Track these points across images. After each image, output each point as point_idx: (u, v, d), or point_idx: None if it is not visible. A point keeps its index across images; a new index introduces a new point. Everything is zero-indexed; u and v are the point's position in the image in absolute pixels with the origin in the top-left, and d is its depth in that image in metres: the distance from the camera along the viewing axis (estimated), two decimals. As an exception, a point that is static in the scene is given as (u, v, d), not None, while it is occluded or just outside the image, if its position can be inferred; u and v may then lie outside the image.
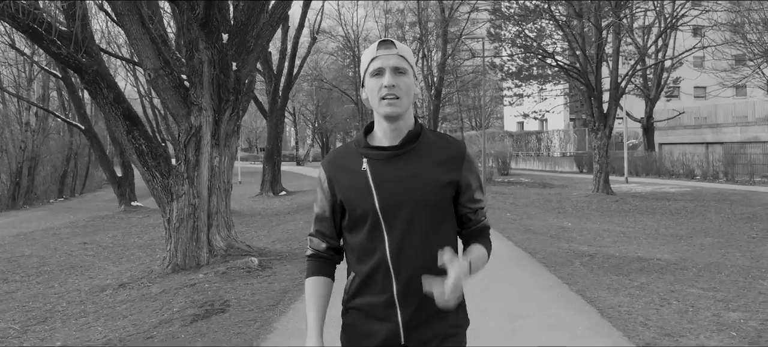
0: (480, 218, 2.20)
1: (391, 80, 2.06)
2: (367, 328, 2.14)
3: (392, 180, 2.09)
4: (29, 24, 8.29)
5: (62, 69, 20.77)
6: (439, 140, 2.18)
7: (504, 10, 26.96)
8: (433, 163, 2.12)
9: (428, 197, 2.07)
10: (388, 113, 2.07)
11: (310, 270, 2.23)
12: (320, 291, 2.20)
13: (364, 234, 2.11)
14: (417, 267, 2.06)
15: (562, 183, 26.77)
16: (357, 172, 2.12)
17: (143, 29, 8.65)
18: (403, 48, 2.16)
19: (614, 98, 20.33)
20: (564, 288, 6.68)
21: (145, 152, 8.89)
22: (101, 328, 6.35)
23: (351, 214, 2.14)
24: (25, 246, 14.04)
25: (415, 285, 2.06)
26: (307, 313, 2.16)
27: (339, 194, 2.15)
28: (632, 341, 4.76)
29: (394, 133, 2.11)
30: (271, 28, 9.58)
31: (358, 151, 2.15)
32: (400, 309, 2.09)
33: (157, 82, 8.78)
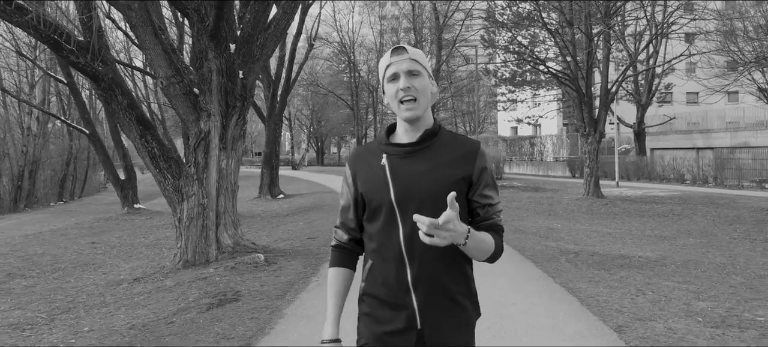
0: (490, 214, 2.27)
1: (406, 83, 2.21)
2: (383, 314, 2.24)
3: (408, 174, 2.22)
4: (50, 35, 8.83)
5: (67, 75, 21.32)
6: (455, 139, 2.31)
7: (498, 16, 27.58)
8: (448, 160, 2.25)
9: (441, 191, 2.14)
10: (407, 117, 2.23)
11: (333, 260, 2.38)
12: (341, 281, 2.34)
13: (380, 224, 2.24)
14: (429, 256, 2.18)
15: (554, 187, 27.36)
16: (377, 166, 2.27)
17: (156, 39, 9.20)
18: (415, 52, 2.30)
19: (604, 103, 20.96)
20: (549, 281, 7.26)
21: (158, 155, 9.43)
22: (123, 316, 6.89)
23: (369, 205, 2.28)
24: (36, 246, 14.53)
25: (428, 272, 2.19)
26: (327, 302, 2.30)
27: (360, 186, 2.31)
28: (607, 324, 5.34)
29: (414, 131, 2.27)
30: (275, 38, 10.15)
31: (380, 148, 2.31)
32: (414, 294, 2.19)
33: (169, 90, 9.33)
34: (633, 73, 31.73)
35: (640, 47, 29.14)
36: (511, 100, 39.17)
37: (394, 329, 2.21)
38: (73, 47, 9.05)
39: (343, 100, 53.45)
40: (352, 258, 2.38)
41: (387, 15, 50.78)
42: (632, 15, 26.76)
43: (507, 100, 39.58)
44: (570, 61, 20.74)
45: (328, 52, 51.57)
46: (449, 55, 38.25)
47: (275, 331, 5.44)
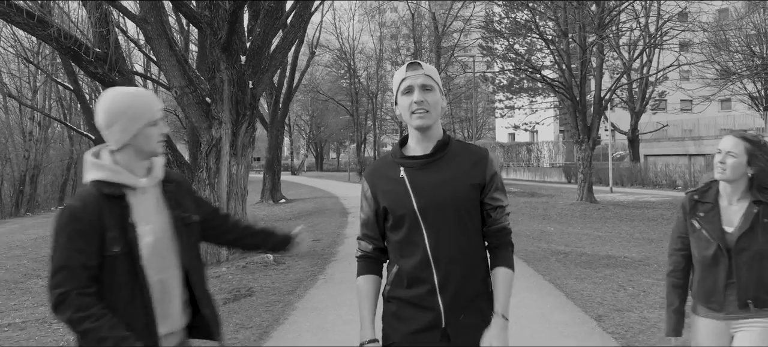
0: (499, 217, 2.44)
1: (420, 97, 2.35)
2: (410, 315, 2.37)
3: (427, 184, 2.37)
4: (71, 47, 9.41)
5: (73, 82, 21.85)
6: (464, 149, 2.47)
7: (495, 25, 28.23)
8: (462, 168, 2.41)
9: (459, 197, 2.34)
10: (418, 125, 2.37)
11: (361, 269, 2.51)
12: (371, 287, 2.47)
13: (405, 233, 2.38)
14: (453, 259, 2.34)
15: (549, 193, 27.94)
16: (396, 179, 2.42)
17: (170, 51, 9.78)
18: (429, 68, 2.45)
19: (598, 111, 21.57)
20: (539, 278, 7.85)
21: (171, 161, 10.00)
22: (144, 310, 7.43)
23: (393, 216, 2.40)
24: (47, 248, 15.04)
25: (452, 275, 2.34)
26: (360, 308, 2.44)
27: (381, 200, 2.44)
28: (588, 314, 5.91)
29: (426, 142, 2.42)
30: (283, 51, 10.73)
31: (395, 161, 2.46)
32: (440, 296, 2.33)
33: (183, 99, 9.90)
34: (627, 81, 32.47)
35: (633, 56, 29.77)
36: (509, 106, 39.81)
37: (420, 327, 2.35)
38: (91, 58, 9.63)
39: (343, 106, 53.99)
40: (378, 266, 2.53)
41: (386, 22, 51.43)
42: (626, 25, 27.45)
43: (504, 106, 40.22)
44: (564, 70, 21.36)
45: (327, 59, 52.16)
46: (448, 62, 38.88)
47: (289, 321, 6.00)
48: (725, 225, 2.92)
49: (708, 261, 2.92)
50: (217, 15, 9.67)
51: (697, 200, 3.03)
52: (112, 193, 2.28)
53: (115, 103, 2.33)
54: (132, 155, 2.36)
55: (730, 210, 2.94)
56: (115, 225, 2.25)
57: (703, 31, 24.77)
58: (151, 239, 2.32)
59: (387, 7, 49.49)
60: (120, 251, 2.23)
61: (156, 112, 2.38)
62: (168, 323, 2.36)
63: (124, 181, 2.31)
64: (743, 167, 2.88)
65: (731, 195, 2.94)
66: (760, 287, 2.84)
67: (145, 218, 2.34)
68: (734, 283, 2.87)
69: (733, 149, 2.89)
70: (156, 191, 2.44)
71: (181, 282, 2.42)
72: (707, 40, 25.37)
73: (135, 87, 2.46)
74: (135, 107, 2.33)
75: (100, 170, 2.31)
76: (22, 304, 8.84)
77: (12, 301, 9.10)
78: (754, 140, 2.92)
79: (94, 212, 2.23)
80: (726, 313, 2.90)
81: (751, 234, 2.84)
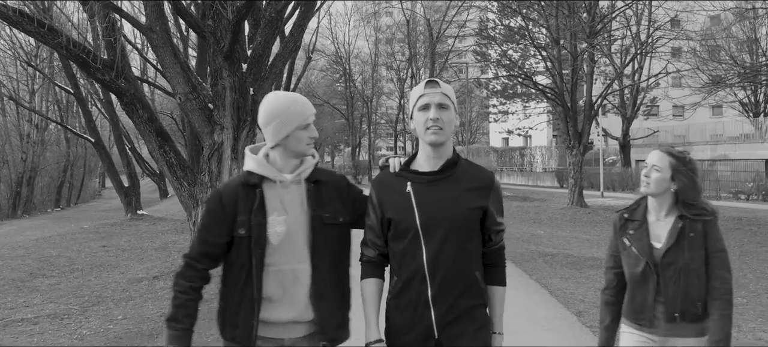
0: (499, 240, 2.58)
1: (436, 114, 2.43)
2: (405, 324, 2.47)
3: (432, 201, 2.46)
4: (79, 54, 9.78)
5: (74, 85, 22.22)
6: (472, 169, 2.55)
7: (489, 31, 28.69)
8: (467, 189, 2.48)
9: (460, 217, 2.42)
10: (432, 140, 2.45)
11: (364, 273, 2.62)
12: (374, 290, 2.59)
13: (405, 245, 2.47)
14: (448, 275, 2.42)
15: (541, 197, 28.40)
16: (402, 193, 2.51)
17: (175, 59, 10.16)
18: (447, 87, 2.52)
19: (588, 117, 22.05)
20: (525, 277, 8.28)
21: (175, 164, 10.38)
22: (151, 306, 7.82)
23: (395, 227, 2.50)
24: (49, 248, 15.39)
25: (446, 290, 2.42)
26: (365, 310, 2.56)
27: (386, 211, 2.54)
28: (569, 310, 6.34)
29: (436, 159, 2.50)
30: (284, 59, 11.12)
31: (403, 175, 2.55)
32: (433, 309, 2.43)
33: (186, 105, 10.27)
34: (619, 87, 32.98)
35: (625, 63, 30.28)
36: (503, 111, 40.30)
37: (416, 337, 2.46)
38: (98, 65, 10.00)
39: (338, 109, 54.36)
40: (381, 270, 2.63)
41: (382, 26, 51.89)
42: (618, 33, 27.97)
43: (498, 111, 40.72)
44: (556, 77, 21.83)
45: (323, 63, 52.58)
46: (442, 68, 39.33)
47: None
48: (653, 241, 2.96)
49: (637, 277, 2.97)
50: (220, 24, 10.06)
51: (627, 218, 3.09)
52: (249, 181, 2.55)
53: (273, 106, 2.57)
54: (283, 153, 2.59)
55: (658, 226, 2.98)
56: (245, 211, 2.50)
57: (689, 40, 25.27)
58: (282, 230, 2.52)
59: (382, 11, 49.97)
60: (245, 234, 2.49)
61: (308, 117, 2.57)
62: (295, 310, 2.54)
63: (266, 174, 2.55)
64: (667, 182, 2.92)
65: (658, 211, 2.99)
66: (686, 300, 2.87)
67: (279, 210, 2.54)
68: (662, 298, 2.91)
69: (657, 163, 2.95)
70: (301, 188, 2.62)
71: (312, 276, 2.56)
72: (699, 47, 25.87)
73: (294, 93, 2.66)
74: (289, 111, 2.54)
75: (250, 161, 2.60)
76: (31, 301, 9.19)
77: (21, 298, 9.45)
78: (679, 155, 2.96)
79: (230, 196, 2.54)
80: (655, 329, 2.95)
81: (678, 249, 2.88)
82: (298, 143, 2.57)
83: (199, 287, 2.59)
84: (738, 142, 30.51)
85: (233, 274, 2.57)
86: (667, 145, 3.12)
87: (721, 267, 2.86)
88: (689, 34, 25.33)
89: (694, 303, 2.86)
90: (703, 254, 2.86)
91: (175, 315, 2.52)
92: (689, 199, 2.90)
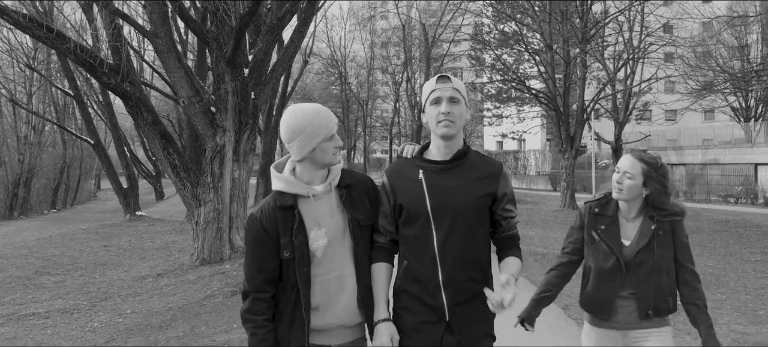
0: (510, 226, 2.64)
1: (447, 108, 2.51)
2: (417, 307, 2.55)
3: (442, 188, 2.54)
4: (87, 59, 10.11)
5: (73, 87, 22.51)
6: (481, 160, 2.64)
7: (484, 36, 29.09)
8: (476, 177, 2.57)
9: (470, 204, 2.49)
10: (443, 133, 2.53)
11: (375, 257, 2.66)
12: (384, 274, 2.64)
13: (416, 230, 2.55)
14: (458, 260, 2.49)
15: (535, 200, 28.80)
16: (414, 180, 2.59)
17: (179, 64, 10.50)
18: (457, 82, 2.58)
19: (580, 122, 22.47)
20: (516, 275, 8.64)
21: (178, 166, 10.71)
22: (158, 301, 8.16)
23: (407, 213, 2.58)
24: (52, 248, 15.69)
25: (456, 274, 2.50)
26: (375, 292, 2.61)
27: (398, 198, 2.62)
28: (556, 304, 6.69)
29: (447, 150, 2.59)
30: (284, 64, 11.48)
31: (415, 164, 2.65)
32: (444, 292, 2.51)
33: (190, 108, 10.62)
34: (612, 92, 33.41)
35: (617, 68, 30.70)
36: (497, 115, 40.59)
37: (426, 320, 2.54)
38: (105, 70, 10.34)
39: (333, 112, 54.55)
40: (390, 256, 2.69)
41: (377, 30, 52.27)
42: (611, 38, 28.38)
43: (493, 115, 41.05)
44: (548, 82, 22.25)
45: (318, 66, 52.88)
46: (437, 71, 39.71)
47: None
48: (624, 239, 3.01)
49: (604, 272, 3.00)
50: (223, 31, 10.42)
51: (598, 212, 3.10)
52: (284, 204, 2.55)
53: (296, 121, 2.56)
54: (309, 166, 2.59)
55: (628, 225, 3.03)
56: (286, 232, 2.52)
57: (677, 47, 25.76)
58: (324, 242, 2.55)
59: (378, 15, 50.35)
60: (290, 256, 2.51)
61: (332, 128, 2.57)
62: (341, 316, 2.58)
63: (297, 191, 2.56)
64: (639, 189, 2.96)
65: (628, 212, 3.04)
66: (658, 297, 2.94)
67: (318, 223, 2.56)
68: (633, 294, 2.96)
69: (630, 169, 2.97)
70: (333, 196, 2.64)
71: (358, 279, 2.60)
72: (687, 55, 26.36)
73: (314, 104, 2.67)
74: (312, 125, 2.54)
75: (278, 181, 2.61)
76: (39, 297, 9.51)
77: (29, 295, 9.77)
78: (651, 161, 2.99)
79: (269, 220, 2.54)
80: (617, 323, 3.00)
81: (648, 249, 2.94)
82: (324, 154, 2.58)
83: (272, 316, 2.57)
84: (728, 146, 30.95)
85: (285, 296, 2.57)
86: (639, 150, 3.11)
87: (688, 260, 2.98)
88: (679, 41, 25.77)
89: (666, 299, 2.93)
90: (671, 252, 2.95)
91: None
92: (660, 203, 2.94)
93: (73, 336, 6.92)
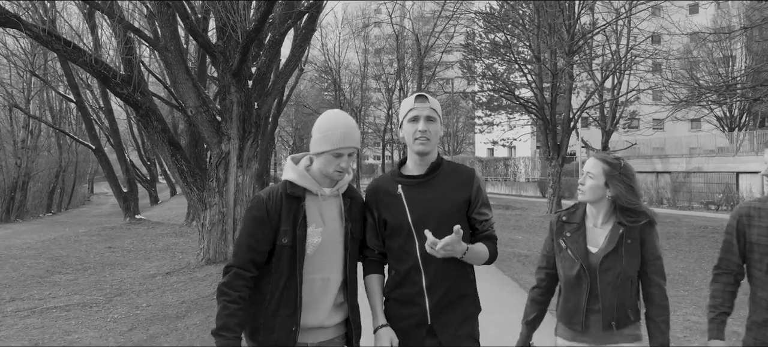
0: (486, 228, 2.75)
1: (424, 126, 2.65)
2: (402, 312, 2.71)
3: (421, 201, 2.67)
4: (101, 71, 10.82)
5: (76, 94, 23.16)
6: (454, 169, 2.77)
7: (476, 45, 29.90)
8: (451, 187, 2.71)
9: (448, 212, 2.62)
10: (419, 150, 2.67)
11: (366, 270, 2.85)
12: (377, 285, 2.81)
13: (400, 241, 2.70)
14: (441, 266, 2.64)
15: (523, 206, 29.58)
16: (394, 195, 2.73)
17: (187, 76, 11.22)
18: (434, 102, 2.72)
19: (567, 130, 23.29)
20: (500, 273, 9.40)
21: (186, 171, 11.42)
22: (171, 296, 8.85)
23: (390, 226, 2.73)
24: (58, 250, 16.30)
25: (438, 279, 2.66)
26: (371, 302, 2.80)
27: (382, 213, 2.77)
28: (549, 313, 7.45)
29: (423, 164, 2.73)
30: (285, 76, 12.22)
31: (394, 179, 2.78)
32: (427, 297, 2.66)
33: (197, 117, 11.33)
34: (599, 101, 34.30)
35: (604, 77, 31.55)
36: (488, 123, 41.44)
37: (410, 324, 2.70)
38: (118, 81, 11.05)
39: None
40: (381, 266, 2.86)
41: (371, 37, 53.08)
42: (599, 49, 29.26)
43: (484, 123, 41.89)
44: (536, 92, 23.08)
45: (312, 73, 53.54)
46: (430, 80, 40.52)
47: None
48: (590, 246, 2.93)
49: (571, 280, 2.92)
50: (229, 45, 11.15)
51: (565, 220, 3.04)
52: (293, 193, 2.67)
53: (322, 121, 2.71)
54: (319, 167, 2.73)
55: (596, 232, 2.95)
56: (288, 220, 2.62)
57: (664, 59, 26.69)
58: (318, 240, 2.66)
59: (372, 23, 51.14)
60: (287, 243, 2.61)
61: (343, 148, 2.64)
62: (321, 317, 2.68)
63: (306, 185, 2.68)
64: (602, 189, 2.90)
65: (596, 217, 2.97)
66: (621, 308, 2.85)
67: (318, 221, 2.68)
68: (598, 305, 2.86)
69: (591, 169, 2.93)
70: (338, 202, 2.77)
71: (341, 286, 2.73)
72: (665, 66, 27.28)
73: (349, 120, 2.72)
74: (328, 133, 2.65)
75: (291, 172, 2.73)
76: (56, 293, 10.15)
77: (46, 291, 10.41)
78: (613, 162, 2.92)
79: (274, 204, 2.64)
80: (589, 336, 2.90)
81: (616, 255, 2.85)
82: (326, 164, 2.68)
83: (247, 296, 2.62)
84: (712, 155, 31.86)
85: (271, 282, 2.64)
86: (602, 152, 3.09)
87: (658, 274, 2.89)
88: (663, 53, 26.69)
89: (627, 311, 2.86)
90: (638, 261, 2.87)
91: (227, 324, 2.54)
92: (626, 203, 2.88)
93: (96, 325, 7.59)
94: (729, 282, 3.11)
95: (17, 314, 8.48)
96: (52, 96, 36.34)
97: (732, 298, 3.12)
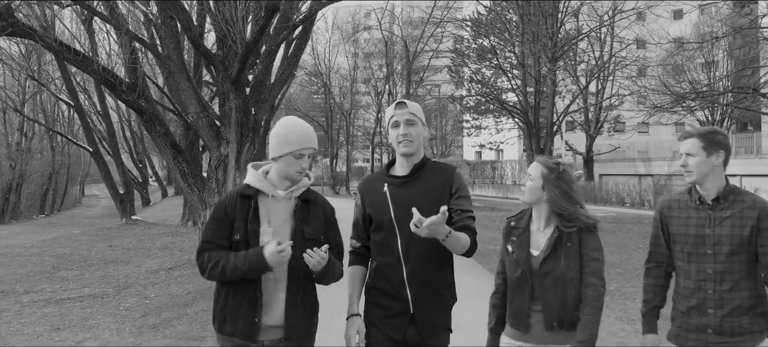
0: (463, 219, 2.84)
1: (405, 130, 2.81)
2: (384, 303, 2.86)
3: (404, 199, 2.80)
4: (108, 79, 11.53)
5: (73, 98, 23.79)
6: (437, 167, 2.92)
7: (463, 49, 30.75)
8: (432, 184, 2.85)
9: (429, 209, 2.64)
10: (403, 152, 2.83)
11: (351, 261, 3.01)
12: (358, 275, 3.00)
13: (383, 236, 2.86)
14: (421, 259, 2.79)
15: (509, 208, 30.32)
16: (380, 192, 2.89)
17: (188, 83, 11.92)
18: (414, 106, 2.87)
19: (550, 134, 24.18)
20: (480, 267, 10.20)
21: (187, 173, 12.14)
22: (176, 288, 9.58)
23: (375, 221, 2.90)
24: (60, 248, 16.95)
25: (419, 270, 2.80)
26: (349, 290, 2.99)
27: (368, 208, 2.95)
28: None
29: (408, 164, 2.86)
30: (281, 84, 12.97)
31: (382, 178, 2.94)
32: (408, 287, 2.80)
33: (197, 122, 12.05)
34: (583, 106, 35.26)
35: (588, 82, 32.50)
36: (476, 126, 42.25)
37: (393, 313, 2.85)
38: (124, 88, 11.75)
39: (317, 122, 55.91)
40: (364, 259, 3.04)
41: (360, 41, 53.89)
42: (583, 56, 30.19)
43: (471, 126, 42.70)
44: (520, 97, 23.95)
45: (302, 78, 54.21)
46: (419, 85, 41.31)
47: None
48: (532, 249, 3.00)
49: (515, 282, 3.01)
50: (228, 55, 11.88)
51: (513, 225, 3.12)
52: (245, 193, 2.86)
53: (279, 126, 2.87)
54: (278, 171, 2.89)
55: (538, 235, 3.01)
56: (241, 218, 2.81)
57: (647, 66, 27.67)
58: (267, 240, 2.77)
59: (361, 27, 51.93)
60: (240, 239, 2.79)
61: (303, 149, 2.81)
62: (272, 316, 2.81)
63: (261, 187, 2.85)
64: (539, 192, 2.98)
65: (538, 220, 3.04)
66: (564, 308, 2.89)
67: (269, 221, 2.83)
68: (539, 306, 2.94)
69: (531, 172, 3.04)
70: (290, 204, 2.88)
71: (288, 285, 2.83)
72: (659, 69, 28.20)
73: (303, 123, 2.90)
74: (287, 136, 2.81)
75: (249, 176, 2.92)
76: (66, 286, 10.83)
77: (56, 285, 11.09)
78: (551, 166, 3.00)
79: (230, 205, 2.86)
80: (532, 336, 2.97)
81: (554, 258, 2.91)
82: (288, 166, 2.84)
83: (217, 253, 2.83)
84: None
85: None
86: (545, 156, 3.19)
87: (594, 275, 2.90)
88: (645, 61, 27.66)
89: (572, 312, 2.89)
90: (579, 264, 2.91)
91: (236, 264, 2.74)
92: (559, 209, 2.93)
93: (111, 313, 8.30)
94: (659, 275, 3.25)
95: (34, 304, 9.18)
96: (46, 98, 36.81)
97: (663, 291, 3.25)
